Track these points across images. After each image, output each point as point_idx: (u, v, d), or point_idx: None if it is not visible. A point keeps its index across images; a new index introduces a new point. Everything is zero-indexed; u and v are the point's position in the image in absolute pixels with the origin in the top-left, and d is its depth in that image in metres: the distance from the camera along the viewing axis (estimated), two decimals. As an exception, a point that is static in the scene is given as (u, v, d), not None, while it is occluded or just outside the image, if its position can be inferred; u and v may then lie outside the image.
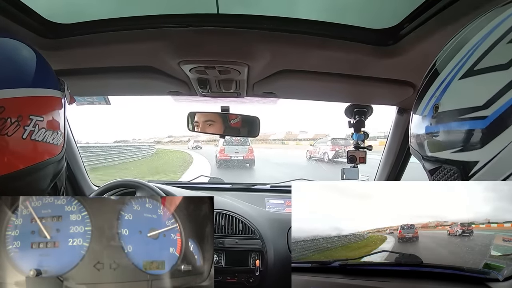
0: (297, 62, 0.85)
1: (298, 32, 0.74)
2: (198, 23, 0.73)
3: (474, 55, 0.35)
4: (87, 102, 1.20)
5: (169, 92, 1.07)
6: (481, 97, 0.32)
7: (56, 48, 0.77)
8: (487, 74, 0.33)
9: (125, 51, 0.82)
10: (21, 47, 0.48)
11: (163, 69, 0.90)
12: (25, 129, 0.43)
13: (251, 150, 10.85)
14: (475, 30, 0.37)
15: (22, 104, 0.43)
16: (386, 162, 1.30)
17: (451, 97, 0.37)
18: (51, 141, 0.49)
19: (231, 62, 0.82)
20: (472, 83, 0.34)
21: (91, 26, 0.76)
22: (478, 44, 0.35)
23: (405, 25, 0.71)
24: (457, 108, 0.35)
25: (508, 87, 0.29)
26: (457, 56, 0.38)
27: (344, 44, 0.76)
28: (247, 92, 1.03)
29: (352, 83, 0.92)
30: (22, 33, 0.69)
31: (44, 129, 0.47)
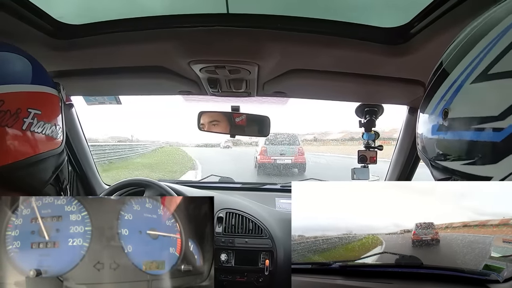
0: (307, 61, 0.85)
1: (308, 31, 0.74)
2: (208, 23, 0.73)
3: (488, 56, 0.31)
4: (98, 101, 1.20)
5: (179, 92, 1.08)
6: (496, 106, 0.29)
7: (67, 49, 0.78)
8: (503, 80, 0.29)
9: (135, 51, 0.82)
10: (17, 53, 0.51)
11: (173, 69, 0.90)
12: (24, 121, 0.46)
13: (301, 151, 8.37)
14: (487, 27, 0.33)
15: (21, 98, 0.46)
16: (397, 162, 1.29)
17: (463, 103, 0.33)
18: (50, 134, 0.52)
19: (241, 62, 0.82)
20: (486, 89, 0.31)
21: (102, 26, 0.77)
22: (492, 44, 0.31)
23: (415, 24, 0.70)
24: (469, 116, 0.32)
25: None
26: (468, 56, 0.34)
27: (354, 43, 0.76)
28: (257, 91, 1.04)
29: (362, 82, 0.92)
30: (33, 34, 0.70)
31: (42, 122, 0.49)
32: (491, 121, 0.29)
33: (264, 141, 8.28)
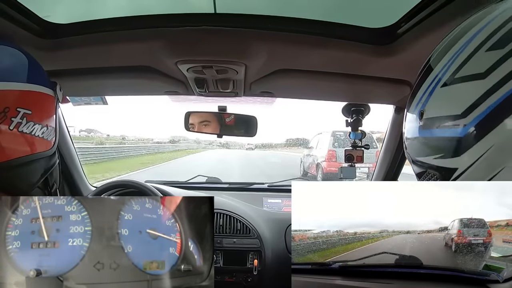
0: (294, 61, 0.85)
1: (295, 31, 0.75)
2: (196, 23, 0.73)
3: (455, 62, 0.35)
4: (84, 102, 1.19)
5: (166, 92, 1.07)
6: (460, 106, 0.32)
7: (53, 49, 0.77)
8: (466, 83, 0.33)
9: (122, 51, 0.82)
10: (14, 48, 0.49)
11: (160, 68, 0.90)
12: (12, 120, 0.44)
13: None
14: (460, 34, 0.37)
15: (9, 96, 0.44)
16: (383, 161, 1.29)
17: (434, 105, 0.37)
18: (41, 135, 0.50)
19: (229, 62, 0.82)
20: (452, 91, 0.35)
21: (88, 25, 0.76)
22: (460, 51, 0.35)
23: (402, 24, 0.71)
24: (438, 116, 0.36)
25: (484, 97, 0.30)
26: (443, 60, 0.38)
27: (341, 43, 0.77)
28: (244, 91, 1.04)
29: (349, 82, 0.92)
30: (20, 33, 0.69)
31: (32, 122, 0.47)
32: (455, 119, 0.33)
33: (330, 142, 6.71)
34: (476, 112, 0.31)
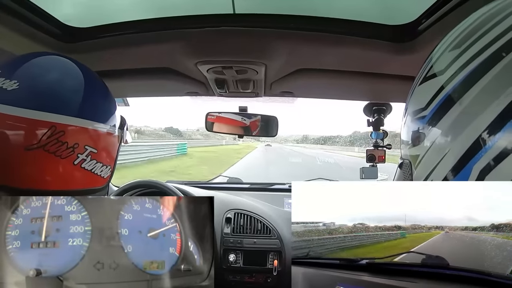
0: (314, 60, 0.84)
1: (314, 30, 0.73)
2: (215, 24, 0.73)
3: (431, 62, 0.39)
4: None
5: (187, 93, 1.09)
6: (424, 100, 0.36)
7: (74, 52, 0.79)
8: (432, 80, 0.37)
9: (142, 53, 0.83)
10: (95, 79, 0.52)
11: (180, 70, 0.91)
12: (78, 157, 0.46)
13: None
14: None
15: (81, 133, 0.46)
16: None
17: (412, 101, 0.42)
18: (99, 173, 0.51)
19: (248, 62, 0.82)
20: (423, 88, 0.39)
21: (108, 29, 0.78)
22: (436, 52, 0.39)
23: (423, 21, 0.68)
24: (412, 110, 0.40)
25: (439, 90, 0.34)
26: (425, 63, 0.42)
27: (361, 41, 0.75)
28: (265, 91, 1.03)
29: (369, 80, 0.90)
30: (41, 37, 0.72)
31: (95, 161, 0.49)
32: (420, 112, 0.37)
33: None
34: (432, 104, 0.35)
